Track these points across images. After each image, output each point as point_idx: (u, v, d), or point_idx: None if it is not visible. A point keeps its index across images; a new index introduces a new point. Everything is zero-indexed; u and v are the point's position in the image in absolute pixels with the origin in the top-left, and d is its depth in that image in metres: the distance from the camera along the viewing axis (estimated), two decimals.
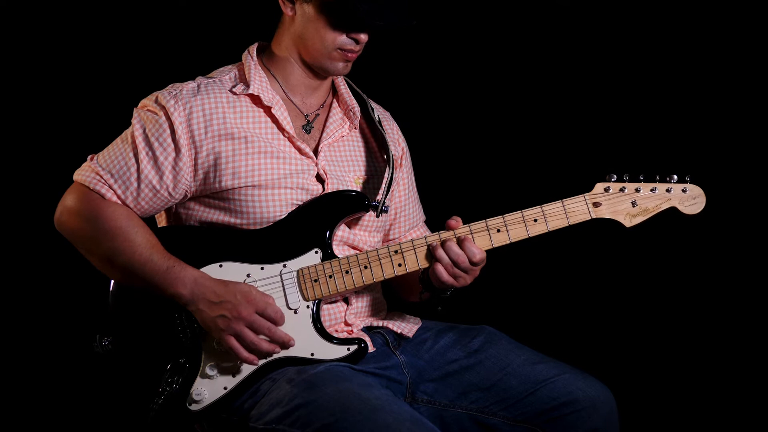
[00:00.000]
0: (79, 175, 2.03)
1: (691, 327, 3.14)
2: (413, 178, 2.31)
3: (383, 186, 2.13)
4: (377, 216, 2.09)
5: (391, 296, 2.24)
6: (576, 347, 2.81)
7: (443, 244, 1.97)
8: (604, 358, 2.94)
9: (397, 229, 2.25)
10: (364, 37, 2.03)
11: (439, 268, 1.96)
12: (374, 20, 1.98)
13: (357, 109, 2.16)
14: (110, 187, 2.00)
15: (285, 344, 1.94)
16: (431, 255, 1.99)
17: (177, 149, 1.99)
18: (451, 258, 1.96)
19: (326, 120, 2.14)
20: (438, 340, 2.10)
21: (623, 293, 3.15)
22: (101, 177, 2.00)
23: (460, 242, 1.97)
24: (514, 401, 1.99)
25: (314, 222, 2.02)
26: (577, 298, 3.20)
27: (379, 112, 2.25)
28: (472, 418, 2.02)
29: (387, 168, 2.13)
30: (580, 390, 1.96)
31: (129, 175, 1.99)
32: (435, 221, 2.26)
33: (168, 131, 1.99)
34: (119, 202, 2.00)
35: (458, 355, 2.07)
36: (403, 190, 2.24)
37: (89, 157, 2.06)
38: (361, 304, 2.11)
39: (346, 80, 2.20)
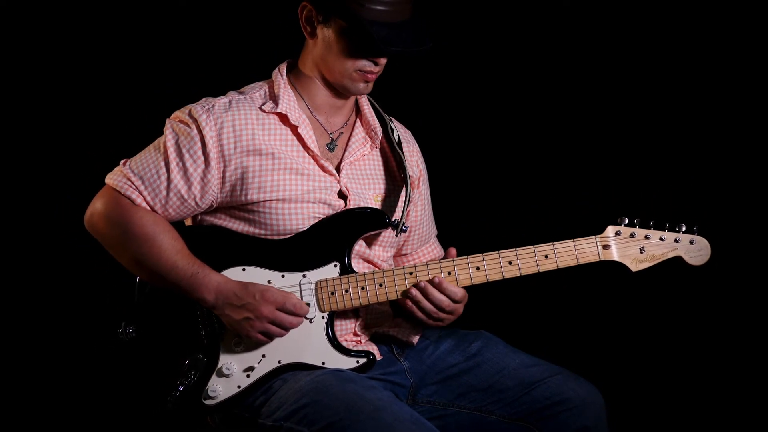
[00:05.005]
0: (110, 179, 2.08)
1: (675, 333, 3.20)
2: (429, 197, 2.35)
3: (401, 207, 2.17)
4: (396, 235, 2.15)
5: (393, 303, 2.27)
6: (568, 351, 2.89)
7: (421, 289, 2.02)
8: (593, 361, 2.98)
9: (409, 245, 2.31)
10: (382, 59, 2.07)
11: (418, 313, 2.04)
12: (390, 46, 2.00)
13: (379, 129, 2.20)
14: (140, 192, 2.04)
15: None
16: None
17: (207, 162, 2.04)
18: (433, 302, 2.02)
19: (349, 139, 2.19)
20: (439, 346, 2.17)
21: (612, 301, 3.20)
22: (132, 182, 2.05)
23: (437, 285, 2.02)
24: (510, 401, 2.07)
25: (335, 236, 2.07)
26: (569, 306, 3.25)
27: (400, 132, 2.29)
28: (470, 416, 2.10)
29: (404, 190, 2.17)
30: (572, 390, 2.05)
31: (159, 183, 2.04)
32: (451, 240, 2.33)
33: (199, 144, 2.04)
34: (148, 207, 2.05)
35: (457, 359, 2.14)
36: (419, 209, 2.29)
37: (122, 162, 2.10)
38: (370, 316, 2.17)
39: (369, 100, 2.24)
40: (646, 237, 2.04)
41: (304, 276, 2.05)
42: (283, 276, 2.05)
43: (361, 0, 1.98)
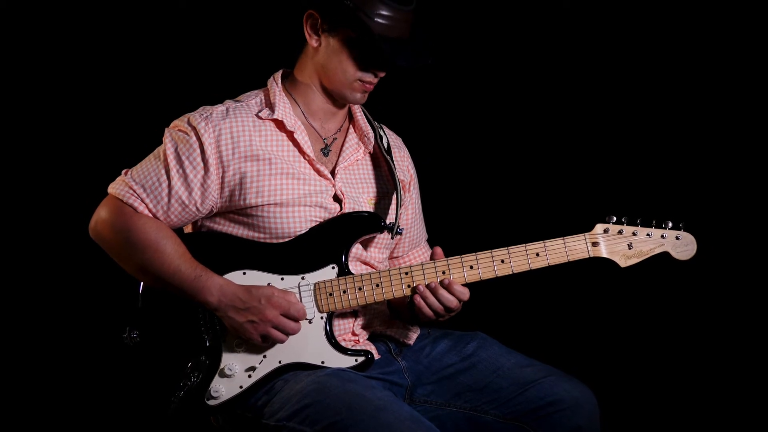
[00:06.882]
0: (113, 189, 2.12)
1: (666, 331, 3.24)
2: (419, 201, 2.40)
3: (394, 209, 2.22)
4: (392, 238, 2.21)
5: (390, 305, 2.31)
6: (562, 353, 2.89)
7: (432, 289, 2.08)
8: (587, 362, 2.99)
9: (401, 248, 2.35)
10: (382, 72, 2.13)
11: (426, 309, 2.09)
12: (395, 60, 2.07)
13: (371, 135, 2.26)
14: (142, 200, 2.09)
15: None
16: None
17: (206, 168, 2.08)
18: (442, 302, 2.08)
19: (343, 144, 2.24)
20: (435, 347, 2.22)
21: (605, 303, 3.24)
22: (134, 191, 2.09)
23: (448, 286, 2.08)
24: (505, 400, 2.11)
25: (333, 239, 2.12)
26: (563, 307, 3.29)
27: (391, 139, 2.34)
28: (466, 416, 2.14)
29: (395, 194, 2.22)
30: (565, 391, 2.09)
31: (160, 190, 2.09)
32: (444, 240, 2.37)
33: (198, 150, 2.08)
34: (150, 215, 2.09)
35: (453, 360, 2.19)
36: (410, 212, 2.34)
37: (123, 172, 2.14)
38: (368, 316, 2.22)
39: (361, 108, 2.30)
40: (634, 234, 2.09)
41: (302, 278, 2.10)
42: (282, 279, 2.10)
43: (370, 13, 2.04)
